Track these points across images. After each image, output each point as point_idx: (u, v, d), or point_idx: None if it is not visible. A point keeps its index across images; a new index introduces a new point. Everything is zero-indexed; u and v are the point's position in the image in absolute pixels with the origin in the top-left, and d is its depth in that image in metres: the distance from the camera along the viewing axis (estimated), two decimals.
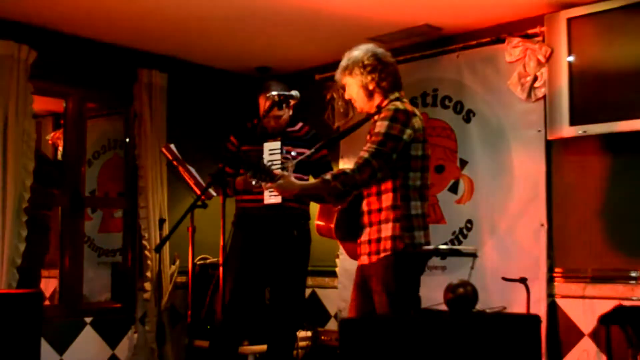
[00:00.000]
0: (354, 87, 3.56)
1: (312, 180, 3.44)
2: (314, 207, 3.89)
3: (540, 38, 4.58)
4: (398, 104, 3.44)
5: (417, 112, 3.48)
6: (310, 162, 4.37)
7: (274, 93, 3.98)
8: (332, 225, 3.57)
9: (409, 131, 3.37)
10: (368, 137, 3.48)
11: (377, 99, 3.54)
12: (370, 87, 3.52)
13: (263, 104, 4.51)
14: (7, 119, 4.62)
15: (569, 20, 4.39)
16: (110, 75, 5.38)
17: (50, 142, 6.58)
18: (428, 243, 3.47)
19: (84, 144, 5.33)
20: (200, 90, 5.94)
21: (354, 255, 3.65)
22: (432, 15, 4.75)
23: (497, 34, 4.83)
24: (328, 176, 3.31)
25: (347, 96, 3.63)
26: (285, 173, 3.35)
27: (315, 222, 3.69)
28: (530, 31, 4.65)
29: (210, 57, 5.71)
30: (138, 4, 4.51)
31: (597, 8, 4.29)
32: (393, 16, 4.73)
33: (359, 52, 3.58)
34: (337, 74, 3.63)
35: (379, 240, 3.42)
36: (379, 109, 3.49)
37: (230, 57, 5.68)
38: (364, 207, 3.51)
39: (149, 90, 5.40)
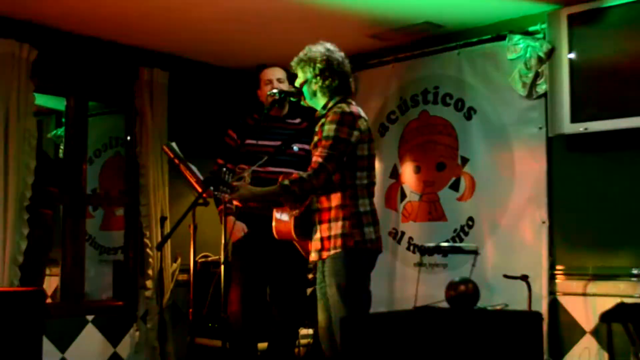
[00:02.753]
0: (304, 77, 3.70)
1: (270, 186, 3.56)
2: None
3: (541, 35, 4.58)
4: (344, 106, 3.56)
5: (362, 113, 3.62)
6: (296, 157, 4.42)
7: (274, 91, 4.01)
8: (291, 226, 3.64)
9: (356, 133, 3.52)
10: (315, 137, 3.63)
11: (321, 99, 3.68)
12: (314, 87, 3.66)
13: (267, 75, 4.58)
14: (9, 117, 4.63)
15: (570, 17, 4.39)
16: (111, 73, 5.38)
17: None
18: (379, 238, 3.60)
19: (86, 142, 5.33)
20: (201, 88, 5.93)
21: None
22: (433, 13, 4.75)
23: (498, 31, 4.83)
24: (286, 182, 3.44)
25: (296, 84, 3.77)
26: (242, 182, 3.49)
27: (274, 224, 3.74)
28: (531, 28, 4.65)
29: (212, 54, 5.71)
30: (139, 1, 4.51)
31: (598, 5, 4.29)
32: (394, 13, 4.73)
33: (316, 51, 3.69)
34: (293, 63, 3.76)
35: (329, 237, 3.54)
36: (325, 110, 3.63)
37: (231, 55, 5.68)
38: (315, 205, 3.59)
39: (150, 88, 5.40)
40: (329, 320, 3.60)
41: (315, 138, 3.62)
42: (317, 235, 3.60)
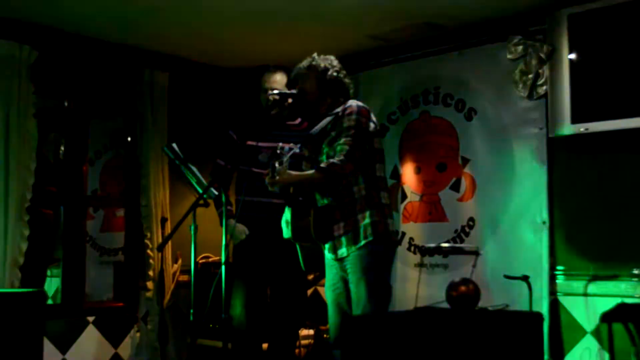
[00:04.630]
0: (311, 81, 3.75)
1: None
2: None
3: (541, 35, 4.58)
4: (357, 101, 3.71)
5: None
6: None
7: (275, 92, 4.02)
8: (311, 224, 3.62)
9: (372, 124, 3.64)
10: (331, 133, 3.66)
11: (328, 100, 3.75)
12: (326, 87, 3.73)
13: (268, 80, 4.57)
14: (9, 119, 4.63)
15: (570, 18, 4.39)
16: (111, 74, 5.38)
17: None
18: (397, 232, 3.63)
19: (86, 143, 5.33)
20: (201, 89, 5.94)
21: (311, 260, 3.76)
22: (434, 13, 4.75)
23: (499, 31, 4.83)
24: (323, 165, 3.43)
25: (298, 87, 3.81)
26: (282, 167, 3.51)
27: (292, 223, 3.70)
28: (531, 28, 4.65)
29: (212, 55, 5.71)
30: (139, 3, 4.51)
31: (598, 5, 4.28)
32: (394, 13, 4.73)
33: (326, 56, 3.81)
34: (301, 66, 3.80)
35: (356, 229, 3.53)
36: (332, 109, 3.70)
37: (231, 56, 5.68)
38: (334, 202, 3.60)
39: (151, 89, 5.40)
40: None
41: (332, 133, 3.65)
42: (341, 232, 3.60)
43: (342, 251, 3.60)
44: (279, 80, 4.54)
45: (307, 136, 3.72)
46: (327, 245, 3.70)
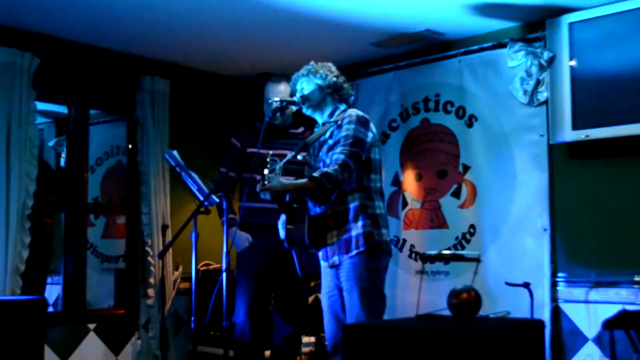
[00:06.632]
0: (311, 87, 3.76)
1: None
2: None
3: (541, 42, 4.58)
4: (356, 110, 3.70)
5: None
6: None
7: (276, 99, 4.02)
8: (304, 231, 3.62)
9: (370, 134, 3.65)
10: (329, 141, 3.69)
11: (329, 107, 3.77)
12: (328, 91, 3.75)
13: (272, 91, 4.57)
14: (10, 126, 4.63)
15: (571, 25, 4.40)
16: (112, 81, 5.39)
17: None
18: (391, 242, 3.63)
19: (87, 151, 5.33)
20: (202, 96, 5.95)
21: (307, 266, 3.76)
22: (434, 21, 4.76)
23: (499, 38, 4.84)
24: (317, 174, 3.43)
25: (298, 95, 3.82)
26: (274, 175, 3.48)
27: (286, 231, 3.70)
28: (532, 36, 4.66)
29: (213, 63, 5.72)
30: (140, 11, 4.52)
31: (598, 13, 4.30)
32: (395, 21, 4.74)
33: (325, 64, 3.83)
34: (299, 74, 3.82)
35: (349, 239, 3.52)
36: (332, 117, 3.71)
37: (232, 63, 5.69)
38: (329, 210, 3.59)
39: (152, 96, 5.41)
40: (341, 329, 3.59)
41: (330, 141, 3.65)
42: (335, 239, 3.60)
43: (335, 259, 3.61)
44: (283, 91, 4.54)
45: (302, 144, 3.73)
46: (320, 253, 3.71)
